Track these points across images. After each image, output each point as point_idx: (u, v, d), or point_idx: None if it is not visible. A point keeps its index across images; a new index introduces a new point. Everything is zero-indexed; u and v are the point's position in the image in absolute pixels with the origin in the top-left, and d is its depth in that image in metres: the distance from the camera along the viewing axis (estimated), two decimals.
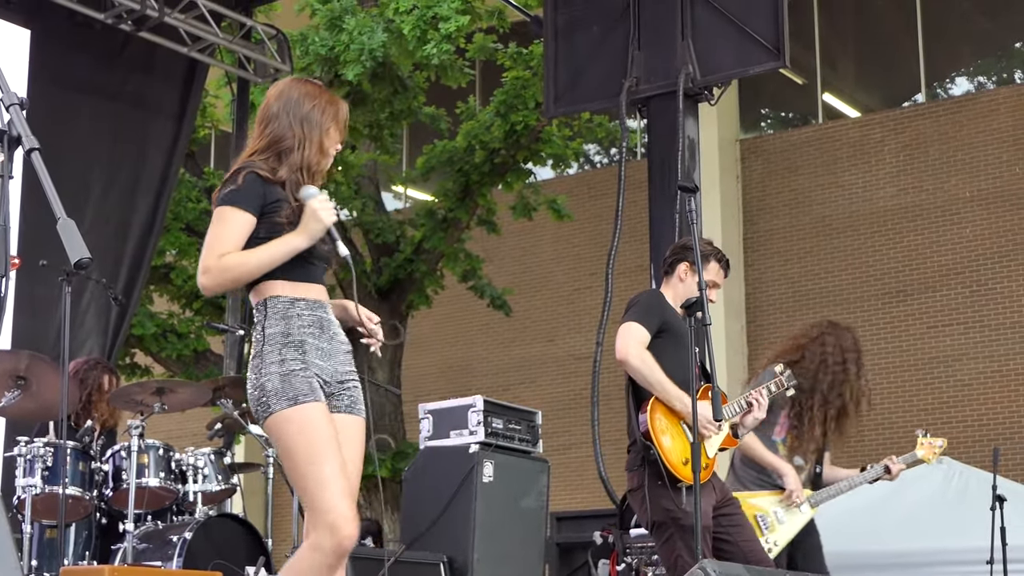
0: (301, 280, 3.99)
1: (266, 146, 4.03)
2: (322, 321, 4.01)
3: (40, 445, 6.72)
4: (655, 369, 5.39)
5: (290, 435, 3.84)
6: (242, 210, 3.90)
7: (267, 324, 3.94)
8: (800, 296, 17.51)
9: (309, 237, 3.91)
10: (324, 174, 4.12)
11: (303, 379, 3.88)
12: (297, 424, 3.83)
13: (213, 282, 3.91)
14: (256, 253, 3.90)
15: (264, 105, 4.12)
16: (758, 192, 18.25)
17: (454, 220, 14.68)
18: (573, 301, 18.88)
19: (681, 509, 5.27)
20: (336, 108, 4.12)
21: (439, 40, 12.33)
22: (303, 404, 3.84)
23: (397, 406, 14.86)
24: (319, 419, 3.85)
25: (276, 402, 3.86)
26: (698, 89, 9.40)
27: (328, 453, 3.81)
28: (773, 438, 6.66)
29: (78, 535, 6.97)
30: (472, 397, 8.12)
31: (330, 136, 4.08)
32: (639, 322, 5.50)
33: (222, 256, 3.88)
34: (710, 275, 5.69)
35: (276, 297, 3.95)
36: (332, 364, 4.01)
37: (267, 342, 3.92)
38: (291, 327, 3.92)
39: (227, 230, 3.89)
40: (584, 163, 19.43)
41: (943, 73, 18.17)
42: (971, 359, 16.35)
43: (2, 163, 3.05)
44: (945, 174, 16.87)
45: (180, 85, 10.77)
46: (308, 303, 3.98)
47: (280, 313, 3.94)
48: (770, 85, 18.47)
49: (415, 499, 8.02)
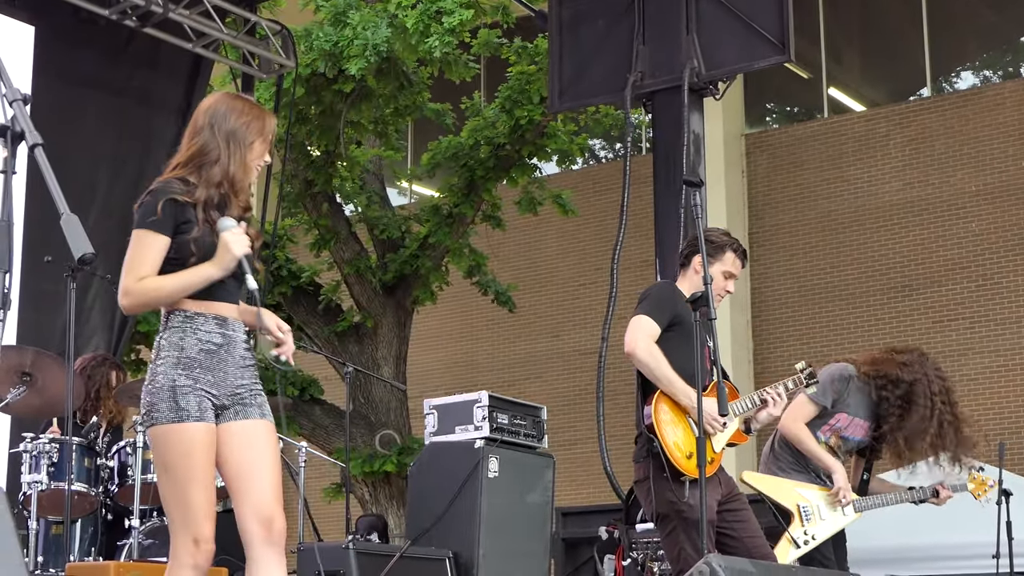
0: (206, 297, 4.11)
1: (188, 159, 4.16)
2: (223, 337, 4.13)
3: (46, 441, 6.73)
4: (662, 363, 5.38)
5: (168, 450, 4.02)
6: (158, 233, 4.04)
7: (165, 335, 4.11)
8: (806, 291, 17.49)
9: (222, 268, 4.05)
10: (247, 189, 4.23)
11: (192, 397, 4.03)
12: (177, 441, 4.00)
13: (133, 303, 4.08)
14: (172, 280, 4.06)
15: (193, 119, 4.24)
16: (763, 187, 18.23)
17: (459, 216, 14.67)
18: (578, 296, 18.87)
19: (684, 502, 5.27)
20: (262, 123, 4.24)
21: (442, 33, 12.32)
22: (188, 423, 4.01)
23: (402, 402, 14.86)
24: (200, 441, 4.02)
25: (162, 414, 4.02)
26: (703, 83, 9.40)
27: (200, 476, 4.01)
28: (818, 435, 6.65)
29: (84, 531, 6.98)
30: (477, 392, 8.12)
31: (254, 150, 4.20)
32: (649, 315, 5.48)
33: (140, 279, 4.03)
34: (726, 266, 5.68)
35: (179, 311, 4.10)
36: (226, 379, 4.12)
37: (161, 353, 4.09)
38: (186, 343, 4.08)
39: (144, 254, 4.03)
40: (589, 158, 19.42)
41: (949, 67, 18.14)
42: (977, 354, 16.33)
43: (5, 159, 3.04)
44: (951, 168, 16.85)
45: (184, 81, 10.76)
46: (209, 319, 4.12)
47: (179, 327, 4.09)
48: (775, 79, 18.43)
49: (420, 494, 8.02)
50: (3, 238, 2.98)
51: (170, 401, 4.01)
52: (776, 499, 6.40)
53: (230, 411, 4.12)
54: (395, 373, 14.80)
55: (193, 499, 3.99)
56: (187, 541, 3.98)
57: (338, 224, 15.03)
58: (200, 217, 4.08)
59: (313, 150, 14.60)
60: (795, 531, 6.41)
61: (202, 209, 4.09)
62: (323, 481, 15.48)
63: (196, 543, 3.98)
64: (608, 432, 9.09)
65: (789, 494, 6.49)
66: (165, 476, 4.06)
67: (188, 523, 3.98)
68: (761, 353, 17.35)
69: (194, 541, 3.98)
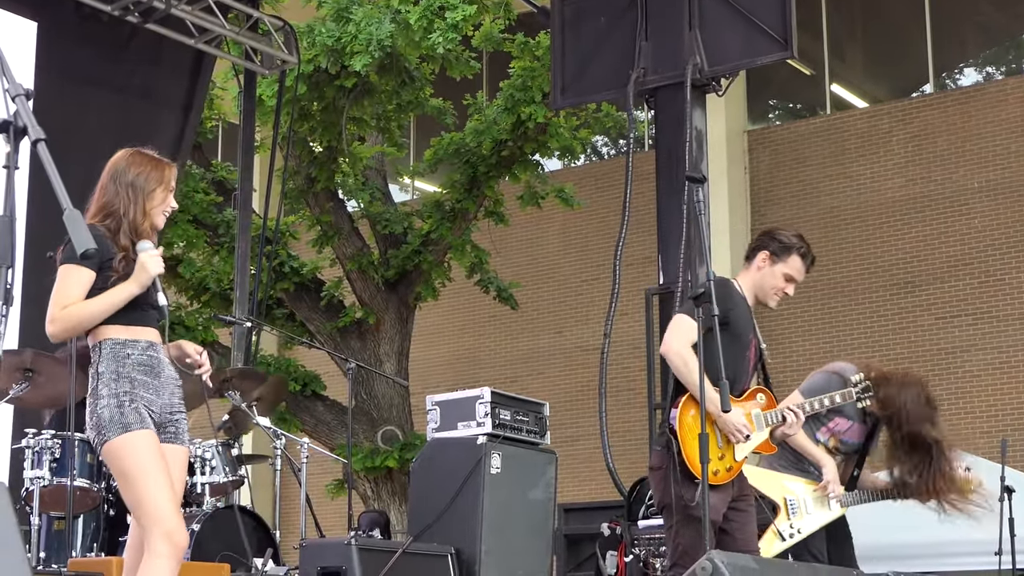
0: (133, 324, 4.47)
1: (96, 211, 4.54)
2: (152, 360, 4.49)
3: (48, 437, 6.73)
4: (693, 369, 5.27)
5: (123, 459, 4.35)
6: (83, 267, 4.38)
7: (100, 363, 4.44)
8: (808, 287, 17.40)
9: (139, 284, 4.41)
10: (156, 230, 4.60)
11: (132, 409, 4.37)
12: (128, 449, 4.34)
13: (59, 329, 4.40)
14: (95, 300, 4.40)
15: (101, 179, 4.64)
16: (766, 183, 18.22)
17: (461, 211, 14.66)
18: (581, 292, 18.86)
19: (692, 503, 5.26)
20: (161, 173, 4.62)
21: (445, 29, 12.31)
22: (133, 432, 4.35)
23: (405, 398, 14.86)
24: (148, 444, 4.37)
25: (109, 431, 4.35)
26: (706, 80, 9.39)
27: (157, 473, 4.33)
28: (817, 436, 6.65)
29: (86, 527, 6.98)
30: (480, 389, 8.11)
31: (154, 198, 4.57)
32: (690, 315, 5.34)
33: (65, 307, 4.37)
34: (789, 268, 5.64)
35: (109, 339, 4.45)
36: (161, 398, 4.49)
37: (100, 379, 4.41)
38: (121, 365, 4.42)
39: (71, 285, 4.39)
40: (591, 154, 19.41)
41: (951, 63, 18.12)
42: (979, 350, 16.31)
43: (8, 154, 3.04)
44: (953, 165, 16.83)
45: (187, 77, 10.75)
46: (138, 344, 4.47)
47: (112, 354, 4.43)
48: (778, 76, 18.42)
49: (423, 491, 8.01)
50: (5, 233, 2.98)
51: (117, 418, 4.35)
52: (763, 491, 6.38)
53: (163, 430, 4.47)
54: (397, 369, 14.79)
55: (155, 497, 4.30)
56: (160, 535, 4.27)
57: (340, 220, 15.03)
58: (120, 262, 4.42)
59: (315, 146, 14.59)
60: (781, 524, 6.40)
61: (122, 258, 4.43)
62: (325, 477, 15.49)
63: (168, 535, 4.28)
64: (610, 428, 9.08)
65: (777, 487, 6.49)
66: (125, 484, 4.37)
67: (157, 520, 4.28)
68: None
69: (166, 534, 4.27)
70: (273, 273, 13.79)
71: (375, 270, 14.79)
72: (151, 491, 4.30)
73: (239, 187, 11.85)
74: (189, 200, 14.54)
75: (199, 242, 14.72)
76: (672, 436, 5.32)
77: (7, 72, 3.07)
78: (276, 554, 7.28)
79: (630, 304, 12.05)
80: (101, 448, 4.39)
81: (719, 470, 5.31)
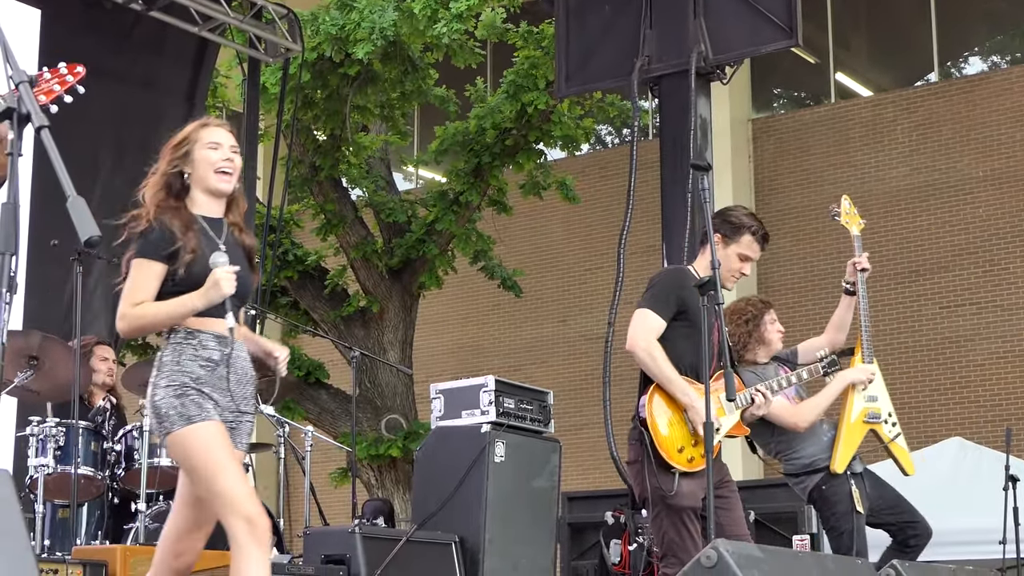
0: (205, 315, 4.24)
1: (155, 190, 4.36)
2: (221, 354, 4.26)
3: (52, 425, 6.73)
4: (660, 362, 5.35)
5: (189, 452, 4.15)
6: (154, 261, 4.21)
7: (166, 352, 4.26)
8: (812, 276, 17.45)
9: (207, 302, 4.20)
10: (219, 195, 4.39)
11: (194, 400, 4.17)
12: (192, 441, 4.13)
13: (126, 327, 4.25)
14: (163, 308, 4.21)
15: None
16: (770, 172, 18.20)
17: (465, 201, 14.65)
18: (585, 281, 18.86)
19: (670, 492, 5.28)
20: (201, 123, 4.45)
21: (450, 19, 12.28)
22: (197, 423, 4.14)
23: (408, 386, 14.86)
24: (215, 434, 4.16)
25: (172, 423, 4.15)
26: (710, 68, 9.36)
27: (226, 461, 4.13)
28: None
29: (90, 515, 6.99)
30: (484, 377, 8.11)
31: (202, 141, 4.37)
32: (651, 309, 5.44)
33: (136, 304, 4.20)
34: (742, 248, 5.61)
35: (181, 328, 4.25)
36: (226, 395, 4.27)
37: (161, 368, 4.24)
38: (184, 358, 4.22)
39: (143, 281, 4.21)
40: (596, 143, 19.38)
41: (956, 52, 18.08)
42: (984, 339, 16.30)
43: (11, 141, 3.03)
44: (958, 154, 16.81)
45: (190, 65, 10.74)
46: (207, 336, 4.25)
47: (178, 343, 4.25)
48: (782, 64, 18.39)
49: (427, 479, 8.01)
50: (9, 221, 2.98)
51: (179, 408, 4.14)
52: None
53: (228, 428, 4.25)
54: (401, 357, 14.80)
55: (228, 486, 4.08)
56: (239, 523, 4.05)
57: (344, 209, 15.02)
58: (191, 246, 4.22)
59: (319, 134, 14.58)
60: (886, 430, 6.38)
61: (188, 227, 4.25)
62: (329, 465, 15.49)
63: (248, 521, 4.05)
64: (614, 417, 9.06)
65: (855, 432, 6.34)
66: (195, 476, 4.17)
67: (235, 509, 4.05)
68: None
69: (246, 520, 4.05)
70: (277, 261, 13.79)
71: (379, 259, 14.78)
72: (222, 481, 4.09)
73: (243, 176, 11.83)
74: None
75: None
76: (643, 428, 5.34)
77: (11, 59, 3.06)
78: (280, 542, 7.29)
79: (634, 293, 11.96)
80: (164, 438, 4.23)
81: (694, 456, 5.33)
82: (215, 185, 4.36)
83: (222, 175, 4.37)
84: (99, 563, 5.84)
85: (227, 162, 4.38)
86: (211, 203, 4.39)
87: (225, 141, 4.40)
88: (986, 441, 13.35)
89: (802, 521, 8.08)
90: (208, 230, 4.32)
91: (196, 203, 4.36)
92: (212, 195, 4.38)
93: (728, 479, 5.56)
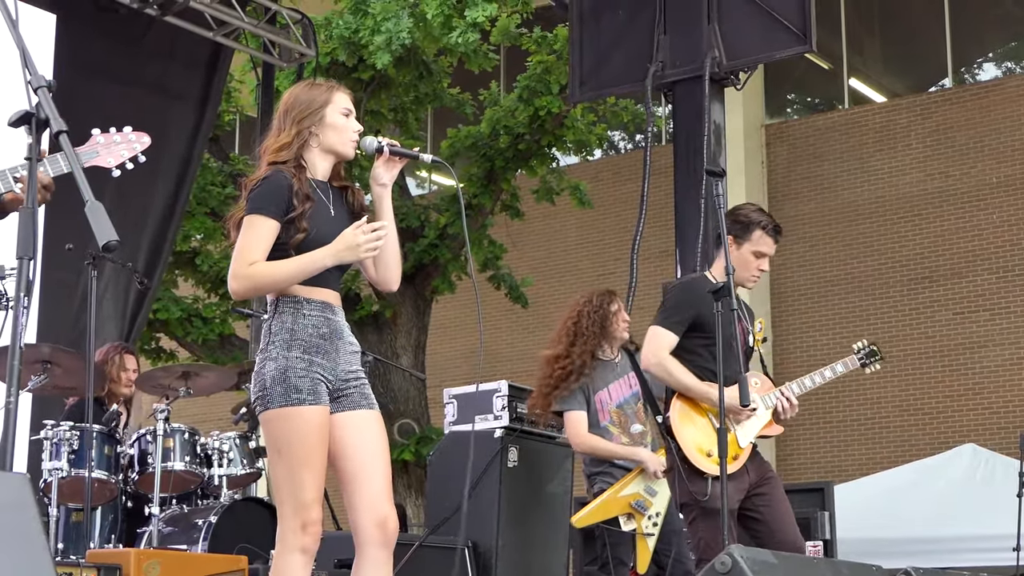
0: (313, 284, 4.08)
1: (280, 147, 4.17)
2: (330, 323, 4.08)
3: (66, 428, 6.74)
4: (676, 374, 5.39)
5: (284, 433, 3.96)
6: (269, 217, 4.02)
7: (275, 321, 4.05)
8: (825, 282, 17.44)
9: (336, 260, 4.04)
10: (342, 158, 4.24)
11: (304, 379, 3.98)
12: (291, 425, 3.95)
13: (243, 287, 4.04)
14: (284, 267, 4.02)
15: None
16: (783, 177, 18.18)
17: (478, 206, 14.66)
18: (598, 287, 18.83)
19: (704, 496, 5.28)
20: (328, 85, 4.28)
21: (465, 28, 12.29)
22: (301, 405, 3.95)
23: (421, 391, 14.87)
24: (315, 424, 3.97)
25: (275, 398, 3.96)
26: (724, 74, 9.35)
27: (314, 460, 3.95)
28: (602, 424, 6.64)
29: (104, 518, 6.99)
30: (497, 382, 8.10)
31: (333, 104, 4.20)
32: (664, 326, 5.48)
33: (251, 263, 4.00)
34: (755, 246, 5.58)
35: (288, 296, 4.05)
36: (337, 365, 4.08)
37: (273, 339, 4.03)
38: (298, 326, 4.02)
39: (257, 239, 4.02)
40: (609, 148, 19.38)
41: (970, 58, 18.05)
42: (997, 345, 16.26)
43: (30, 145, 3.04)
44: (972, 159, 16.77)
45: (204, 70, 10.75)
46: (317, 304, 4.07)
47: (289, 312, 4.04)
48: (796, 70, 18.38)
49: (439, 484, 8.01)
50: (27, 225, 2.98)
51: (283, 384, 3.96)
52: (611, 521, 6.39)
53: (342, 400, 4.08)
54: (414, 362, 14.80)
55: (305, 483, 3.93)
56: (295, 525, 3.94)
57: None
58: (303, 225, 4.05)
59: None
60: (643, 524, 6.37)
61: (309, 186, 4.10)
62: None
63: (304, 527, 3.94)
64: None
65: (615, 506, 6.44)
66: (278, 459, 3.99)
67: (297, 508, 3.94)
68: (780, 344, 17.29)
69: (302, 525, 3.94)
70: None
71: None
72: (298, 474, 3.93)
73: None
74: (207, 193, 14.56)
75: (217, 234, 14.73)
76: (670, 437, 5.37)
77: (30, 64, 3.07)
78: None
79: (648, 299, 11.99)
80: (261, 413, 4.02)
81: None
82: (346, 151, 4.23)
83: (353, 143, 4.25)
84: (113, 566, 5.84)
85: (357, 132, 4.26)
86: (325, 166, 4.24)
87: (352, 108, 4.29)
88: (1000, 447, 13.31)
89: (815, 527, 8.07)
90: (322, 196, 4.18)
91: (310, 166, 4.20)
92: (330, 159, 4.25)
93: (770, 475, 5.55)
